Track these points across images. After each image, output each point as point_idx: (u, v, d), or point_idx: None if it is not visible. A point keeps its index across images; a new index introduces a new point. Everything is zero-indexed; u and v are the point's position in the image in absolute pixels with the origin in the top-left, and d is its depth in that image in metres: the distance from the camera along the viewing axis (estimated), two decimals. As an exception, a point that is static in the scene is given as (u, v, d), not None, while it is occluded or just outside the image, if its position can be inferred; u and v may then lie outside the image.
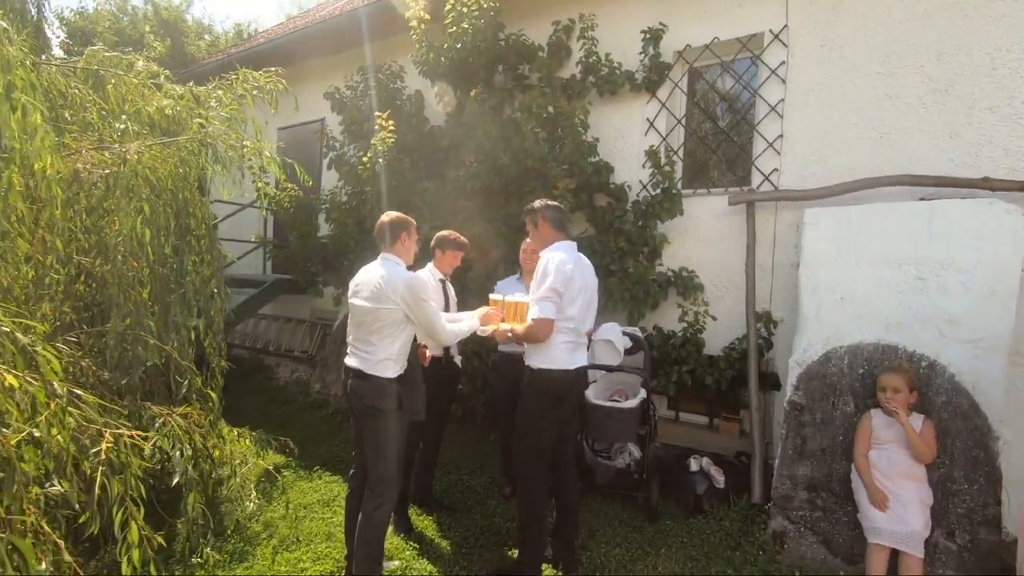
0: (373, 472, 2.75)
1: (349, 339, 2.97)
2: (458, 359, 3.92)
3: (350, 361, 2.85)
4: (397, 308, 2.68)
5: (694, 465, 3.77)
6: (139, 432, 2.46)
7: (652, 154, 4.32)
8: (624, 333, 3.82)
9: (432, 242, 3.69)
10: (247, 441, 4.23)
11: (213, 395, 3.54)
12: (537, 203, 2.98)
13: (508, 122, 4.92)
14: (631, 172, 4.80)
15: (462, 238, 3.67)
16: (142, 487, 2.31)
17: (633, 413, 3.56)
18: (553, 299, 2.70)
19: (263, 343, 7.87)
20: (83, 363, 3.15)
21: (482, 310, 3.11)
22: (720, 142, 4.60)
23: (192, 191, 4.26)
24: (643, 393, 3.73)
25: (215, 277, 4.48)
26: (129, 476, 2.23)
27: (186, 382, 3.44)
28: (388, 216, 2.94)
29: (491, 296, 3.26)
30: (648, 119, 4.74)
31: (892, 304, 3.28)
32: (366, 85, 6.02)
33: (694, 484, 3.67)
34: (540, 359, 2.81)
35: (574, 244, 2.95)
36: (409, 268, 2.99)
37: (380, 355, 2.72)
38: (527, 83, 5.29)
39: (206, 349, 4.34)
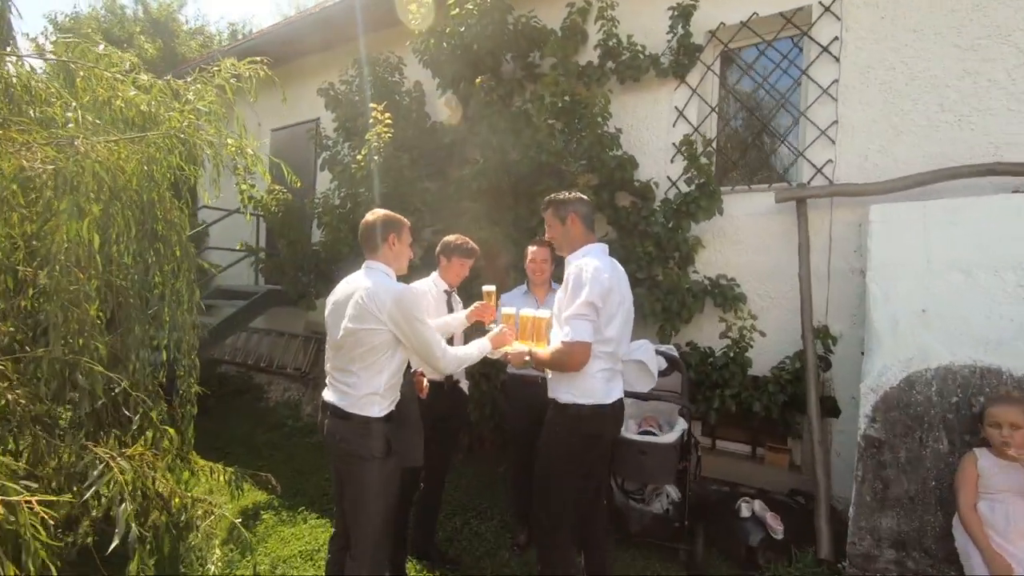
0: (353, 533, 2.19)
1: (327, 367, 2.43)
2: (464, 384, 3.36)
3: (327, 395, 2.31)
4: (384, 329, 2.14)
5: (745, 510, 3.18)
6: (51, 495, 1.91)
7: (687, 144, 3.76)
8: (658, 352, 3.24)
9: (437, 248, 3.19)
10: (221, 478, 3.67)
11: (172, 431, 2.98)
12: (565, 194, 2.42)
13: (518, 113, 4.39)
14: (657, 167, 4.25)
15: (471, 243, 3.15)
16: (52, 567, 1.77)
17: (671, 448, 2.99)
18: (590, 316, 2.14)
19: (254, 358, 7.33)
20: (10, 396, 2.60)
21: (494, 330, 2.56)
22: (758, 131, 4.03)
23: (161, 192, 3.71)
24: (682, 423, 3.16)
25: (189, 289, 3.96)
26: (29, 558, 1.68)
27: (138, 416, 2.89)
28: (374, 214, 2.41)
29: (503, 310, 2.72)
30: (677, 108, 4.20)
31: (989, 317, 2.70)
32: (362, 79, 5.51)
33: (746, 533, 3.08)
34: (570, 391, 2.24)
35: (606, 248, 2.39)
36: (402, 279, 2.46)
37: (364, 389, 2.18)
38: (538, 72, 4.76)
39: (177, 372, 3.79)
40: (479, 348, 2.42)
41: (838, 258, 3.52)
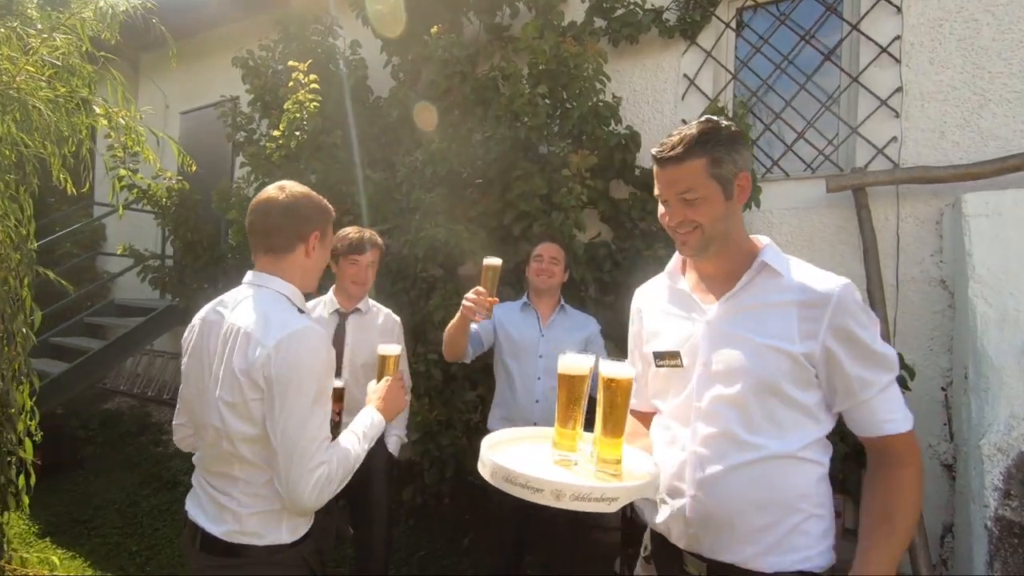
0: None
1: (195, 459, 1.49)
2: (394, 438, 2.37)
3: (194, 512, 1.41)
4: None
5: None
6: None
7: (715, 114, 2.86)
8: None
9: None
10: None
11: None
12: (709, 122, 1.15)
13: (486, 80, 3.42)
14: (662, 151, 3.37)
15: (365, 233, 2.29)
16: None
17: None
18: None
19: (156, 388, 6.02)
20: None
21: (376, 386, 1.60)
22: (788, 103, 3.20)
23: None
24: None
25: (14, 308, 2.81)
26: None
27: None
28: (287, 192, 1.41)
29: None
30: (687, 75, 3.33)
31: None
32: (287, 44, 4.40)
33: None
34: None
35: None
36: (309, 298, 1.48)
37: (258, 504, 1.28)
38: (508, 35, 3.82)
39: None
40: (364, 435, 1.42)
41: (909, 263, 2.71)
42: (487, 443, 1.18)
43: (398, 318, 2.48)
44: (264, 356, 1.23)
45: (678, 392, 1.22)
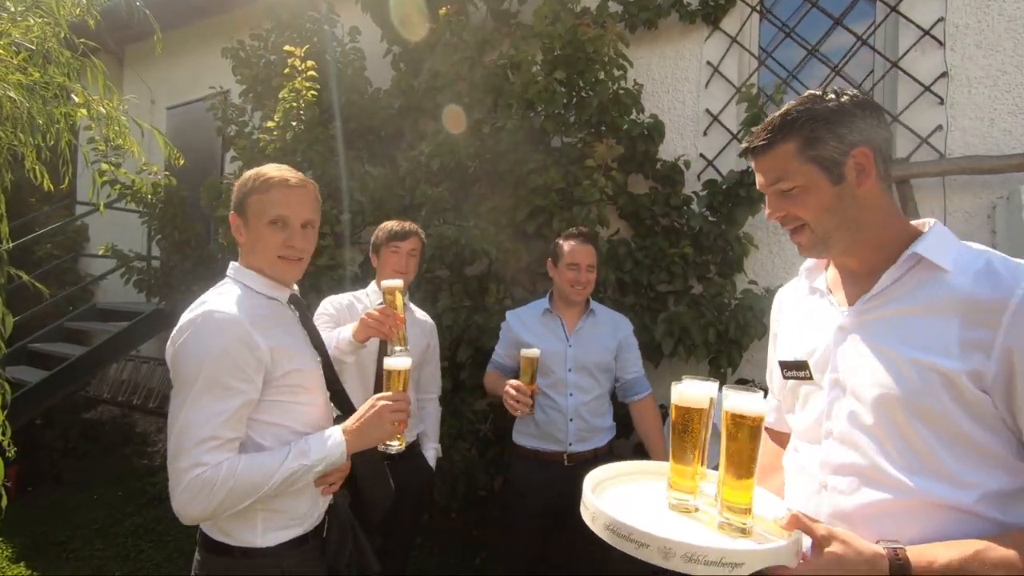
0: None
1: None
2: (431, 451, 2.21)
3: None
4: None
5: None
6: None
7: (748, 99, 2.66)
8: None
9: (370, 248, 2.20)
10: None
11: None
12: (806, 97, 0.96)
13: (495, 68, 3.20)
14: (684, 142, 3.18)
15: (405, 224, 2.17)
16: None
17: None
18: None
19: (142, 396, 5.74)
20: None
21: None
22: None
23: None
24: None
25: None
26: None
27: None
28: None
29: (525, 353, 1.62)
30: (710, 63, 3.13)
31: None
32: (280, 33, 4.15)
33: None
34: None
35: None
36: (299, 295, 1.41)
37: None
38: (516, 22, 3.61)
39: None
40: (303, 453, 1.23)
41: (957, 261, 2.53)
42: (591, 481, 1.01)
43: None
44: (169, 341, 1.21)
45: (807, 409, 1.02)
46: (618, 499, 0.98)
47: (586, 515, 0.93)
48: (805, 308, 1.09)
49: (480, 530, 3.31)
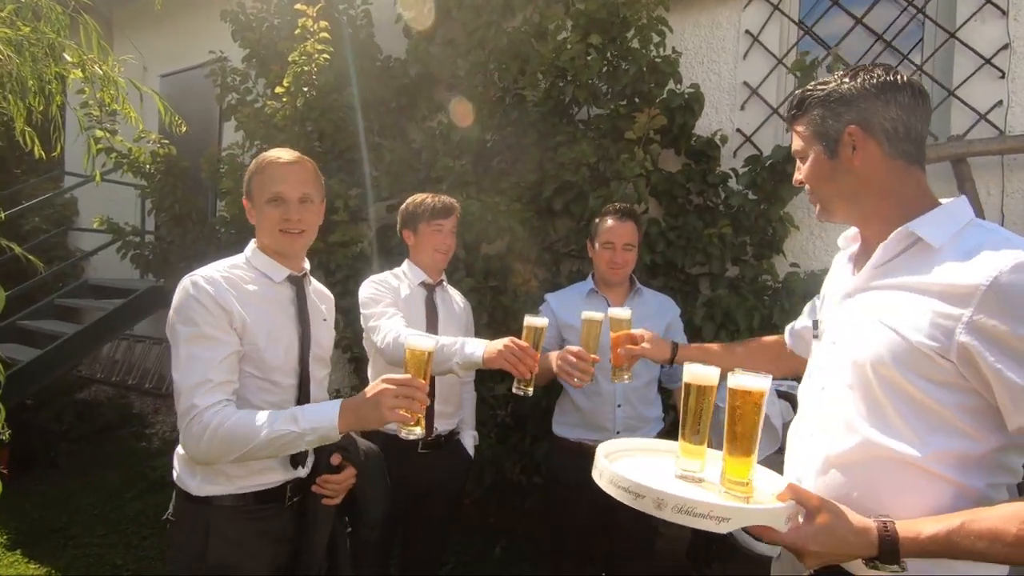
0: None
1: None
2: (469, 437, 2.08)
3: None
4: None
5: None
6: None
7: (801, 68, 2.48)
8: (778, 394, 2.00)
9: (399, 223, 2.06)
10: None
11: None
12: (824, 80, 1.05)
13: (519, 33, 3.00)
14: (719, 117, 3.01)
15: (442, 198, 2.03)
16: None
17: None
18: None
19: (138, 376, 5.56)
20: None
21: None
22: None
23: None
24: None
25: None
26: None
27: None
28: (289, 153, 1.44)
29: (585, 315, 1.66)
30: (749, 32, 2.96)
31: None
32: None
33: None
34: None
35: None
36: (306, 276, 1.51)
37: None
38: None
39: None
40: (295, 419, 1.23)
41: None
42: (604, 449, 1.10)
43: None
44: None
45: (811, 364, 1.14)
46: (630, 466, 1.07)
47: (595, 474, 1.01)
48: (836, 272, 1.19)
49: (497, 517, 3.21)
